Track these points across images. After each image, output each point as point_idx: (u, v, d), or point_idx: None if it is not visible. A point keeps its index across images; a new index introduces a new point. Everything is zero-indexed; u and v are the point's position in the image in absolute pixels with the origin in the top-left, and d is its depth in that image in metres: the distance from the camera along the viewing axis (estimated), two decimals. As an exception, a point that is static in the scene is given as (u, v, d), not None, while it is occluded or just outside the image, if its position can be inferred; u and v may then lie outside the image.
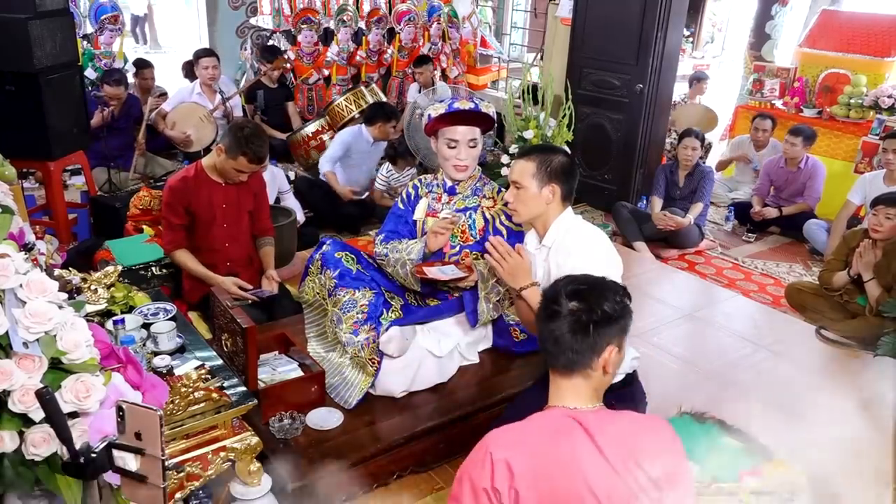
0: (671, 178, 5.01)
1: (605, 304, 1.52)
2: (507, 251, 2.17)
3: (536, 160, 2.26)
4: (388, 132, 4.94)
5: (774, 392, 3.19)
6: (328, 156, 4.83)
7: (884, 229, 3.56)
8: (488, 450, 1.42)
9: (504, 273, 2.19)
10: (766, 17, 6.72)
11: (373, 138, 4.87)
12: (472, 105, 2.61)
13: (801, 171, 5.13)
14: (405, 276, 2.66)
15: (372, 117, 4.84)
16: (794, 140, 5.06)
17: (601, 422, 1.47)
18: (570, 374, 1.52)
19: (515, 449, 1.41)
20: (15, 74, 3.54)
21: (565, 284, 1.56)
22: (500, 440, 1.44)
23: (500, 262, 2.18)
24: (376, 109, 4.93)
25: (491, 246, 2.20)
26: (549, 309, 1.54)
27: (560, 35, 5.70)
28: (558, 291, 1.55)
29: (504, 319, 2.90)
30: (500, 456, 1.40)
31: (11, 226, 1.56)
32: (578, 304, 1.51)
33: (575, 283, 1.56)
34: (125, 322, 2.22)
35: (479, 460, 1.43)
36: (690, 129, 4.98)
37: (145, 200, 3.70)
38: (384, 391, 2.55)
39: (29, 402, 1.21)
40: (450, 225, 2.61)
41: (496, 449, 1.41)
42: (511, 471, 1.38)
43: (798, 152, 5.07)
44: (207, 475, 1.99)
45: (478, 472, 1.42)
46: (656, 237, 4.87)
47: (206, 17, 6.82)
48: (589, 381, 1.53)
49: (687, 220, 4.77)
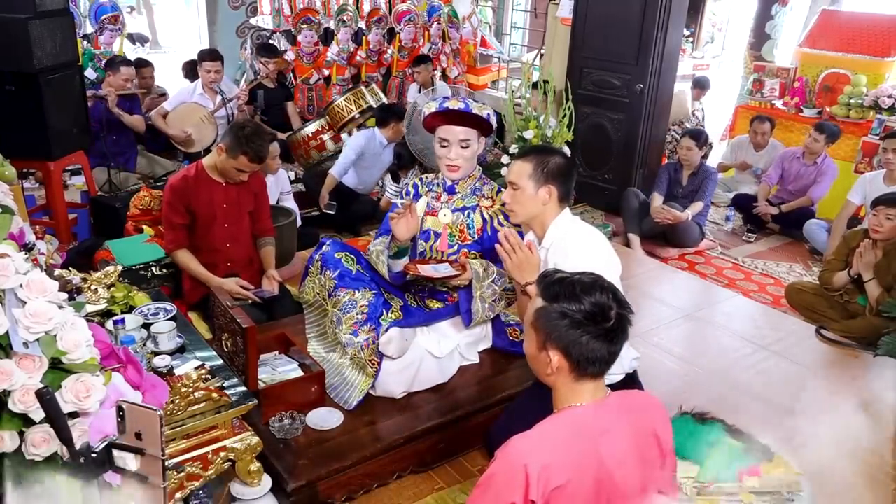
0: (675, 176, 5.01)
1: (628, 305, 1.52)
2: (517, 244, 2.17)
3: (533, 161, 2.26)
4: (401, 131, 4.96)
5: (774, 392, 3.20)
6: (342, 162, 4.83)
7: (884, 229, 3.56)
8: (521, 461, 1.37)
9: (511, 266, 2.18)
10: (766, 17, 6.72)
11: (387, 140, 4.89)
12: (462, 105, 2.60)
13: (815, 167, 5.14)
14: (384, 267, 2.65)
15: (385, 119, 4.86)
16: (817, 136, 5.07)
17: (614, 408, 1.52)
18: (599, 377, 1.52)
19: (549, 455, 1.39)
20: (15, 74, 3.54)
21: (603, 292, 1.49)
22: (529, 450, 1.40)
23: (509, 253, 2.17)
24: (387, 111, 4.94)
25: (503, 236, 2.20)
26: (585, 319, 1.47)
27: (560, 35, 5.70)
28: (603, 305, 1.47)
29: (503, 320, 2.90)
30: (536, 465, 1.36)
31: (11, 226, 1.57)
32: (620, 306, 1.50)
33: (605, 290, 1.50)
34: (125, 322, 2.22)
35: (509, 474, 1.38)
36: (688, 130, 5.00)
37: (145, 200, 3.70)
38: (384, 392, 2.55)
39: (29, 402, 1.21)
40: (402, 210, 2.57)
41: (530, 459, 1.37)
42: (548, 478, 1.36)
43: (819, 148, 5.08)
44: (207, 475, 1.99)
45: (506, 486, 1.37)
46: (654, 233, 4.88)
47: (206, 17, 6.82)
48: (606, 376, 1.55)
49: (684, 215, 4.77)
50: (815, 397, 3.20)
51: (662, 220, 4.79)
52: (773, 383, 3.27)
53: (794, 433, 2.86)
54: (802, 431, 2.90)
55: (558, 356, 1.49)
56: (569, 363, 1.48)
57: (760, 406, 3.05)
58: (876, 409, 3.12)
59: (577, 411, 1.51)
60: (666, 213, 4.78)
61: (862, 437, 2.91)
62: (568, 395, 1.53)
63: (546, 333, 1.50)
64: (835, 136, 5.09)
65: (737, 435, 2.56)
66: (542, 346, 1.51)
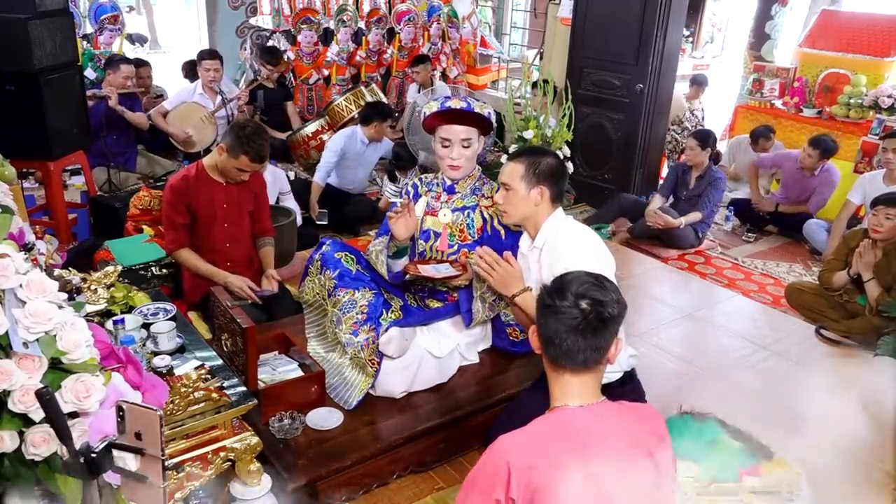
0: (682, 177, 4.98)
1: (614, 298, 1.53)
2: (495, 260, 2.16)
3: (525, 162, 2.27)
4: (384, 131, 4.93)
5: (774, 392, 3.20)
6: (323, 167, 4.80)
7: (884, 229, 3.56)
8: (504, 458, 1.40)
9: (495, 283, 2.17)
10: (766, 17, 6.72)
11: (368, 139, 4.85)
12: (464, 105, 2.60)
13: (814, 178, 5.09)
14: (383, 267, 2.64)
15: (367, 118, 4.83)
16: (811, 151, 4.98)
17: (605, 415, 1.51)
18: (583, 371, 1.52)
19: (531, 455, 1.40)
20: (15, 74, 3.54)
21: (574, 285, 1.53)
22: (513, 448, 1.42)
23: (489, 272, 2.16)
24: (371, 110, 4.91)
25: (478, 257, 2.19)
26: (560, 311, 1.51)
27: (560, 35, 5.71)
28: (565, 293, 1.52)
29: (503, 319, 2.90)
30: (518, 463, 1.38)
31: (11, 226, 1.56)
32: (590, 303, 1.50)
33: (579, 283, 1.54)
34: (125, 322, 2.22)
35: (492, 470, 1.41)
36: (696, 130, 4.96)
37: (145, 200, 3.70)
38: (384, 392, 2.55)
39: (29, 402, 1.21)
40: (400, 209, 2.56)
41: (513, 457, 1.39)
42: (529, 477, 1.37)
43: (813, 164, 5.01)
44: (207, 475, 1.99)
45: (490, 481, 1.40)
46: (646, 234, 4.87)
47: (206, 17, 6.82)
48: (597, 375, 1.55)
49: (677, 222, 4.73)
50: (815, 397, 3.20)
51: (654, 224, 4.76)
52: (773, 383, 3.28)
53: (794, 433, 2.87)
54: (802, 431, 2.90)
55: (540, 342, 1.58)
56: (545, 350, 1.55)
57: (760, 406, 3.05)
58: (875, 409, 3.12)
59: (566, 413, 1.51)
60: (658, 218, 4.74)
61: (861, 437, 2.91)
62: (557, 392, 1.55)
63: (535, 318, 1.59)
64: (830, 151, 4.98)
65: (737, 435, 2.56)
66: (534, 330, 1.60)
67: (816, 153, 4.97)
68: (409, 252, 2.74)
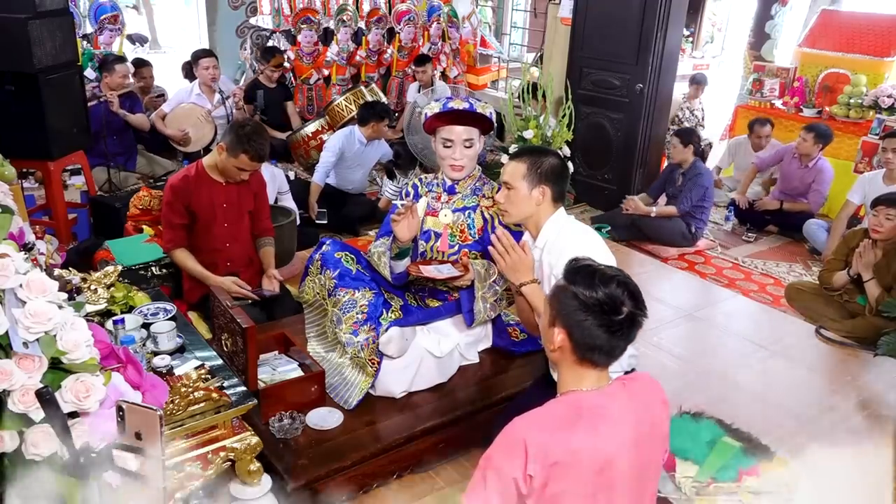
0: (671, 175, 5.01)
1: (644, 308, 1.54)
2: (510, 245, 2.17)
3: (527, 162, 2.27)
4: (382, 131, 4.93)
5: (774, 392, 3.19)
6: (321, 167, 4.81)
7: (884, 229, 3.56)
8: (521, 436, 1.42)
9: (505, 267, 2.18)
10: (766, 17, 6.72)
11: (366, 138, 4.86)
12: (466, 105, 2.60)
13: (808, 170, 5.11)
14: (386, 269, 2.64)
15: (365, 117, 4.83)
16: (805, 136, 5.02)
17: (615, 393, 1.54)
18: (601, 367, 1.55)
19: (548, 432, 1.42)
20: (15, 74, 3.53)
21: (620, 286, 1.51)
22: (530, 426, 1.44)
23: (502, 255, 2.17)
24: (368, 109, 4.91)
25: (496, 238, 2.19)
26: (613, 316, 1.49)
27: (560, 35, 5.71)
28: (615, 298, 1.49)
29: (503, 319, 2.90)
30: (536, 440, 1.40)
31: (11, 226, 1.57)
32: (635, 305, 1.51)
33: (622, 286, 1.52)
34: (125, 322, 2.22)
35: (509, 448, 1.43)
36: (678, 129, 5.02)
37: (145, 200, 3.70)
38: (384, 391, 2.55)
39: (29, 402, 1.21)
40: (403, 211, 2.56)
41: (529, 434, 1.41)
42: (546, 453, 1.39)
43: (808, 149, 5.01)
44: (207, 475, 1.99)
45: (507, 460, 1.42)
46: (624, 223, 4.95)
47: (205, 17, 6.82)
48: (612, 364, 1.57)
49: (646, 210, 4.92)
50: (815, 397, 3.20)
51: (625, 208, 4.98)
52: (773, 383, 3.27)
53: (794, 433, 2.87)
54: (802, 431, 2.90)
55: (563, 335, 1.54)
56: (571, 344, 1.53)
57: (760, 406, 3.05)
58: (876, 409, 3.13)
59: (579, 395, 1.53)
60: (628, 202, 4.98)
61: (862, 437, 2.91)
62: (569, 379, 1.56)
63: (557, 310, 1.55)
64: (825, 136, 5.00)
65: (737, 435, 2.56)
66: (553, 321, 1.56)
67: (811, 136, 5.00)
68: (411, 253, 2.74)
